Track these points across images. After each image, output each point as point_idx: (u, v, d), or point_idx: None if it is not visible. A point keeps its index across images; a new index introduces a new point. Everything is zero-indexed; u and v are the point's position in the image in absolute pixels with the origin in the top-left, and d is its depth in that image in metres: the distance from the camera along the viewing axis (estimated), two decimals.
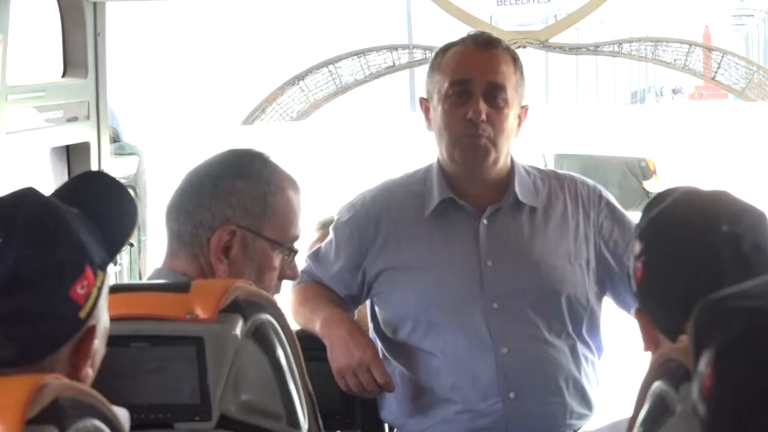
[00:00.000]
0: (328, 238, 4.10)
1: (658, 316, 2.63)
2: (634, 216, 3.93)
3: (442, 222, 3.99)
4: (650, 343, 2.66)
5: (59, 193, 2.67)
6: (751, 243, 2.61)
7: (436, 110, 3.95)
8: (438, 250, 3.97)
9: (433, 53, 4.10)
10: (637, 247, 2.67)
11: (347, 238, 4.05)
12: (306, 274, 4.07)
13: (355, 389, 3.88)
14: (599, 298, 4.01)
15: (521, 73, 3.99)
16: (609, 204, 4.02)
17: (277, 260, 3.36)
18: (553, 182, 4.05)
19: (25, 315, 2.41)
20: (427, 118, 3.99)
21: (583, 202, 4.00)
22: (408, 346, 3.97)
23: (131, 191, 4.69)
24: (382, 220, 4.03)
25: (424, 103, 4.01)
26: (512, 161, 4.01)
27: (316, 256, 4.11)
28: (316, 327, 3.95)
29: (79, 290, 2.44)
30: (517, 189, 3.97)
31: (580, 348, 3.96)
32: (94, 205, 2.62)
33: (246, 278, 3.29)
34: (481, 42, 3.98)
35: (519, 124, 3.98)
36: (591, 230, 3.96)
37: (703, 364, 1.81)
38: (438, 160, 4.00)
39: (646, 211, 2.82)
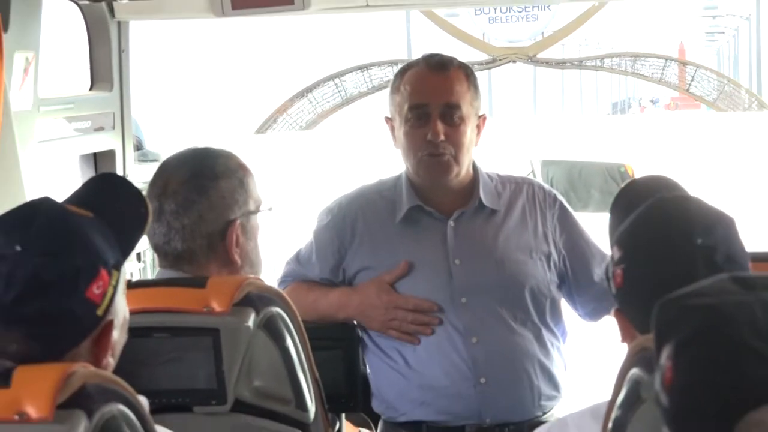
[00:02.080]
0: (308, 241, 4.10)
1: (635, 316, 2.62)
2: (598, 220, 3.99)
3: (412, 226, 4.00)
4: (627, 337, 2.66)
5: (75, 196, 2.66)
6: (724, 254, 2.60)
7: (400, 130, 3.96)
8: (409, 252, 3.97)
9: (398, 70, 4.10)
10: (615, 253, 2.66)
11: (327, 241, 4.06)
12: (290, 277, 4.11)
13: (404, 332, 3.92)
14: (560, 288, 4.02)
15: (475, 87, 4.01)
16: (561, 206, 4.04)
17: (259, 221, 3.43)
18: (513, 186, 4.06)
19: (46, 316, 2.41)
20: (393, 136, 4.01)
21: (540, 204, 4.02)
22: (387, 339, 3.97)
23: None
24: (358, 224, 4.04)
25: (389, 122, 4.02)
26: (475, 169, 4.02)
27: (297, 258, 4.11)
28: (330, 309, 3.98)
29: (95, 290, 2.45)
30: (481, 194, 3.99)
31: (546, 334, 3.97)
32: (108, 206, 2.62)
33: (250, 255, 3.37)
34: (434, 65, 3.97)
35: (478, 134, 3.99)
36: (548, 228, 3.98)
37: (664, 357, 1.82)
38: (406, 172, 4.02)
39: (614, 210, 2.85)
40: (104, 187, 2.81)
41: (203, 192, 3.29)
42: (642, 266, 2.62)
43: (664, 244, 2.61)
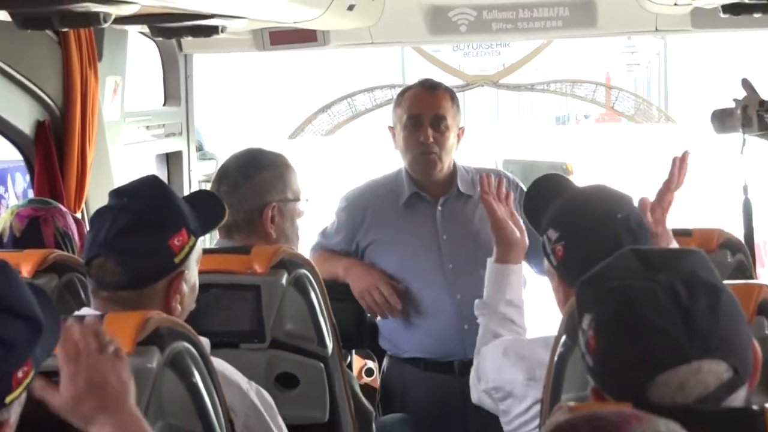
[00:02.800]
0: (331, 221, 4.10)
1: (576, 281, 2.62)
2: None
3: (411, 209, 3.99)
4: (565, 301, 2.63)
5: (186, 195, 2.73)
6: (636, 222, 2.62)
7: (399, 135, 3.97)
8: (408, 229, 3.97)
9: (399, 92, 4.12)
10: (552, 234, 2.65)
11: (344, 221, 4.06)
12: (318, 246, 4.09)
13: (372, 306, 3.89)
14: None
15: (457, 105, 4.01)
16: (521, 190, 3.99)
17: (298, 209, 3.43)
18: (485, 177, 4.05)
19: (137, 251, 2.45)
20: (395, 140, 4.02)
21: (509, 189, 3.99)
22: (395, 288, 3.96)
23: (209, 185, 4.71)
24: (368, 209, 4.03)
25: (392, 130, 4.03)
26: (454, 164, 4.02)
27: (323, 233, 4.11)
28: (339, 271, 3.95)
29: (176, 242, 2.48)
30: (459, 184, 3.99)
31: None
32: (201, 203, 2.70)
33: (286, 232, 3.39)
34: (427, 86, 4.00)
35: (458, 140, 3.99)
36: (514, 209, 3.96)
37: (585, 324, 1.81)
38: (404, 167, 4.02)
39: (530, 203, 2.94)
40: (202, 198, 2.88)
41: (248, 179, 3.36)
42: (578, 241, 2.60)
43: (593, 221, 2.62)
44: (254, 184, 3.36)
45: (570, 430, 1.26)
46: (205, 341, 2.46)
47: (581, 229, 2.62)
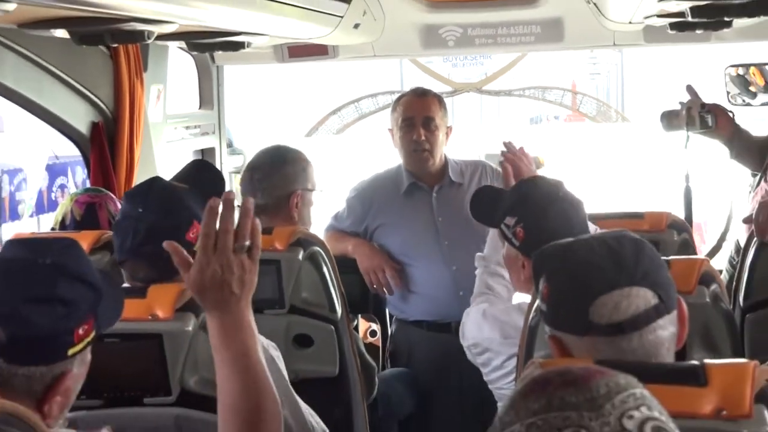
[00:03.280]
0: (342, 207, 4.10)
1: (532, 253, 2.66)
2: None
3: (410, 197, 3.99)
4: (530, 275, 2.68)
5: (176, 176, 2.67)
6: (573, 197, 2.71)
7: (396, 135, 3.97)
8: (409, 214, 3.96)
9: (396, 98, 4.11)
10: (509, 221, 2.71)
11: (354, 207, 4.05)
12: (330, 227, 4.08)
13: (374, 283, 3.90)
14: None
15: (444, 108, 3.99)
16: (500, 177, 4.01)
17: (313, 199, 3.45)
18: (471, 167, 4.05)
19: (161, 254, 2.42)
20: (393, 140, 4.01)
21: (489, 176, 4.00)
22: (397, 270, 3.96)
23: (238, 176, 4.71)
24: (375, 197, 4.03)
25: (391, 132, 4.02)
26: (446, 158, 4.01)
27: (335, 217, 4.10)
28: (348, 249, 3.95)
29: (192, 235, 2.46)
30: (450, 174, 3.99)
31: None
32: (198, 182, 2.66)
33: (304, 216, 3.42)
34: (419, 93, 3.99)
35: (447, 137, 3.98)
36: None
37: (541, 285, 1.89)
38: (402, 162, 4.02)
39: (481, 202, 2.95)
40: (195, 168, 2.83)
41: (278, 169, 3.39)
42: (534, 219, 2.66)
43: (542, 202, 2.69)
44: (283, 174, 3.38)
45: (543, 382, 1.26)
46: None
47: (535, 210, 2.68)
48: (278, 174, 3.38)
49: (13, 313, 1.71)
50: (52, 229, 3.42)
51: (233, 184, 5.05)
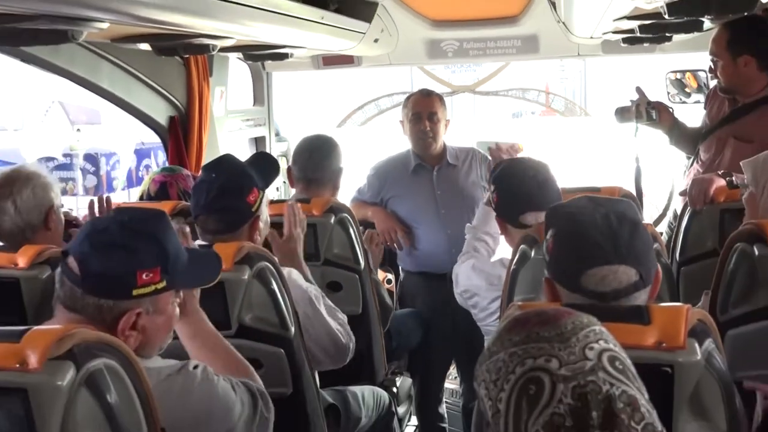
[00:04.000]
0: (364, 182, 4.07)
1: (508, 219, 2.66)
2: None
3: (416, 174, 3.95)
4: (504, 229, 2.71)
5: (248, 160, 2.66)
6: (542, 177, 2.66)
7: (407, 126, 3.93)
8: (414, 188, 3.93)
9: (406, 97, 4.07)
10: (491, 188, 2.73)
11: (372, 182, 4.02)
12: (355, 198, 4.04)
13: (388, 241, 3.88)
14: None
15: (444, 105, 3.95)
16: (488, 161, 3.97)
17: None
18: (464, 152, 4.00)
19: (227, 210, 2.43)
20: (404, 129, 3.96)
21: (478, 160, 3.96)
22: (407, 235, 3.96)
23: (284, 159, 4.69)
24: (388, 174, 3.99)
25: (402, 123, 3.97)
26: (444, 144, 3.97)
27: (359, 190, 4.07)
28: (368, 214, 3.92)
29: (251, 198, 2.44)
30: (448, 157, 3.94)
31: None
32: (261, 165, 2.61)
33: (337, 189, 3.35)
34: (424, 93, 3.94)
35: (446, 128, 3.94)
36: (481, 172, 3.93)
37: (549, 235, 1.82)
38: (410, 148, 3.97)
39: (493, 170, 2.84)
40: (259, 156, 2.82)
41: (323, 153, 3.34)
42: (506, 191, 2.67)
43: (515, 178, 2.67)
44: (328, 156, 3.34)
45: (523, 320, 1.26)
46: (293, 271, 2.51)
47: (504, 181, 2.69)
48: (324, 155, 3.34)
49: (87, 255, 1.70)
50: (140, 199, 3.42)
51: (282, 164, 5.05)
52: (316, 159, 3.34)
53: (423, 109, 3.89)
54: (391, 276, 3.93)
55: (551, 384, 1.17)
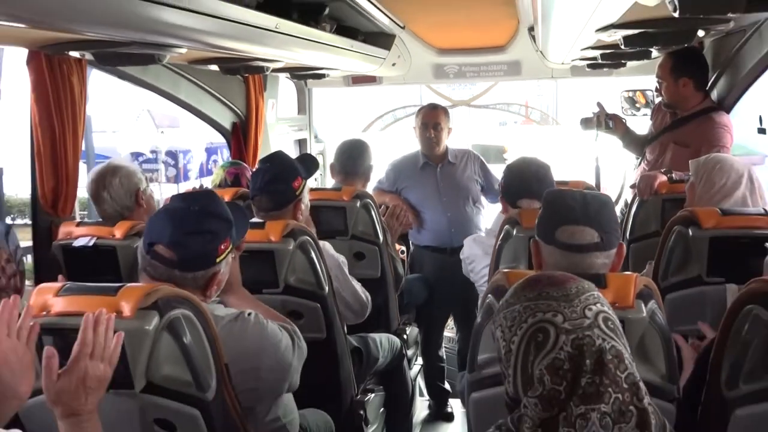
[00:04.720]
0: (383, 175, 4.01)
1: (508, 199, 2.63)
2: (495, 166, 3.90)
3: (424, 170, 3.90)
4: (505, 211, 2.65)
5: (297, 157, 2.66)
6: (542, 174, 2.63)
7: (417, 132, 3.88)
8: (422, 181, 3.89)
9: (417, 109, 4.00)
10: (503, 174, 2.69)
11: (389, 175, 3.97)
12: (376, 188, 3.98)
13: (399, 219, 3.84)
14: (481, 192, 3.92)
15: (448, 116, 3.89)
16: (481, 160, 3.94)
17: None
18: (462, 153, 3.95)
19: (277, 192, 2.40)
20: (415, 134, 3.92)
21: (473, 159, 3.93)
22: (417, 218, 3.94)
23: (321, 157, 4.67)
24: (402, 169, 3.95)
25: (415, 130, 3.93)
26: (447, 147, 3.91)
27: (379, 181, 4.01)
28: (386, 200, 3.87)
29: (295, 184, 2.42)
30: (449, 157, 3.89)
31: (477, 209, 3.91)
32: (305, 161, 2.61)
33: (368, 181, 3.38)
34: (432, 106, 3.89)
35: (448, 135, 3.89)
36: (476, 169, 3.90)
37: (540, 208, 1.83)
38: (420, 149, 3.92)
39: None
40: (304, 156, 2.82)
41: (359, 152, 3.34)
42: (512, 179, 2.64)
43: (518, 171, 2.64)
44: (361, 155, 3.35)
45: (535, 281, 1.27)
46: (328, 247, 2.49)
47: (510, 176, 2.65)
48: (359, 154, 3.35)
49: (179, 242, 1.70)
50: (218, 186, 3.41)
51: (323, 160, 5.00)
52: (353, 157, 3.36)
53: (429, 120, 3.86)
54: (404, 248, 3.93)
55: (555, 334, 1.17)
